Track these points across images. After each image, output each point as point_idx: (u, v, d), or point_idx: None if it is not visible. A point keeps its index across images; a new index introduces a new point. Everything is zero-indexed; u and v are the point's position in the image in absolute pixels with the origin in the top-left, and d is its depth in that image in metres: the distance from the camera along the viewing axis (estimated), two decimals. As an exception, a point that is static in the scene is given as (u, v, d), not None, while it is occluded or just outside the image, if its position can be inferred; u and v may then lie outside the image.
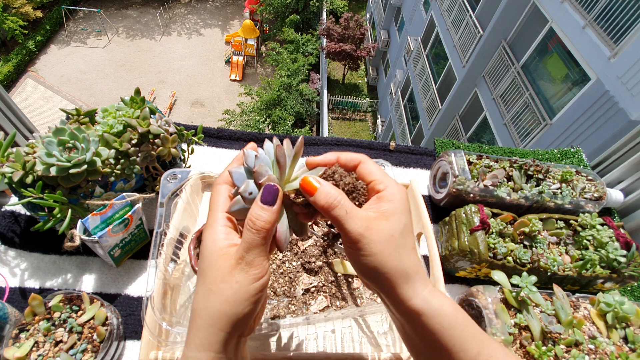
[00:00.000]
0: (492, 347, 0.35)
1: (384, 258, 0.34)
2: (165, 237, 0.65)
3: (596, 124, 4.13)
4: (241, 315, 0.33)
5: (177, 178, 0.72)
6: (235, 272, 0.33)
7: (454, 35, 7.33)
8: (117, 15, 14.05)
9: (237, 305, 0.33)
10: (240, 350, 0.36)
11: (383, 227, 0.34)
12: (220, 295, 0.33)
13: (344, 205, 0.35)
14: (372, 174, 0.38)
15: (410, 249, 0.35)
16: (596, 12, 4.21)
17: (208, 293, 0.33)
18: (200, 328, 0.33)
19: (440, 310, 0.34)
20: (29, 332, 0.61)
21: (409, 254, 0.35)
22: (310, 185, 0.35)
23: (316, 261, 0.77)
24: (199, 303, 0.34)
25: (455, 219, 0.84)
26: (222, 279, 0.33)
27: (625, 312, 0.67)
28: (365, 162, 0.39)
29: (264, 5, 12.77)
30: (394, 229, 0.35)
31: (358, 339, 0.72)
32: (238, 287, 0.33)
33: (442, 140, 1.17)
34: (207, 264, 0.34)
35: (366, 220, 0.34)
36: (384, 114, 12.05)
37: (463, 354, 0.34)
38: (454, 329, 0.34)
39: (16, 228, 0.81)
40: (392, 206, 0.36)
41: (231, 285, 0.33)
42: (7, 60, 10.90)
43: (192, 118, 11.27)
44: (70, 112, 0.78)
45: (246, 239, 0.34)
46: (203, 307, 0.33)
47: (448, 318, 0.34)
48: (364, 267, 0.35)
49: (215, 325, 0.33)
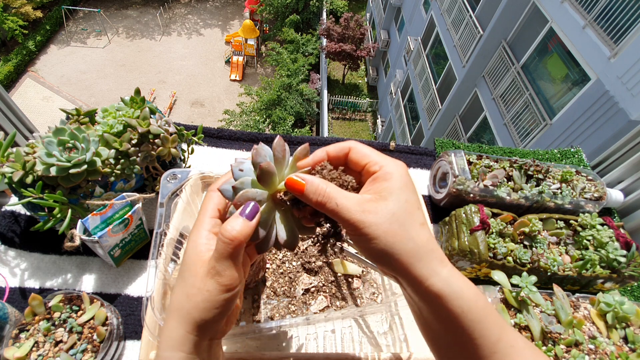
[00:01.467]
0: (512, 335, 0.34)
1: (390, 239, 0.32)
2: (165, 237, 0.65)
3: (596, 124, 4.13)
4: (210, 322, 0.34)
5: (177, 178, 0.71)
6: (207, 280, 0.34)
7: (454, 35, 7.33)
8: (117, 15, 14.05)
9: (205, 312, 0.33)
10: (214, 352, 0.37)
11: (382, 208, 0.32)
12: (192, 300, 0.33)
13: (334, 196, 0.33)
14: (365, 157, 0.36)
15: (418, 224, 0.33)
16: (596, 12, 4.21)
17: (183, 296, 0.34)
18: (173, 328, 0.34)
19: (460, 293, 0.32)
20: (29, 332, 0.61)
21: (417, 231, 0.33)
22: (297, 184, 0.34)
23: (316, 261, 0.77)
24: (174, 304, 0.34)
25: (455, 219, 0.84)
26: (195, 284, 0.34)
27: (625, 312, 0.67)
28: (354, 147, 0.37)
29: (264, 5, 12.77)
30: (395, 207, 0.33)
31: (358, 339, 0.72)
32: (208, 295, 0.33)
33: (442, 140, 1.17)
34: (185, 267, 0.35)
35: (361, 205, 0.33)
36: (384, 114, 12.05)
37: (483, 340, 0.32)
38: (475, 314, 0.32)
39: (16, 228, 0.81)
40: (389, 185, 0.34)
41: (202, 292, 0.33)
42: (7, 60, 10.90)
43: (192, 118, 11.27)
44: (70, 112, 0.78)
45: (217, 249, 0.34)
46: (176, 309, 0.34)
47: (469, 302, 0.32)
48: (372, 252, 0.33)
49: (186, 328, 0.33)
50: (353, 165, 0.38)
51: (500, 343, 0.32)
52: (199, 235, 0.36)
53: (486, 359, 0.33)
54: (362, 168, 0.37)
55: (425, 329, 0.37)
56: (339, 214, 0.33)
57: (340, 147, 0.38)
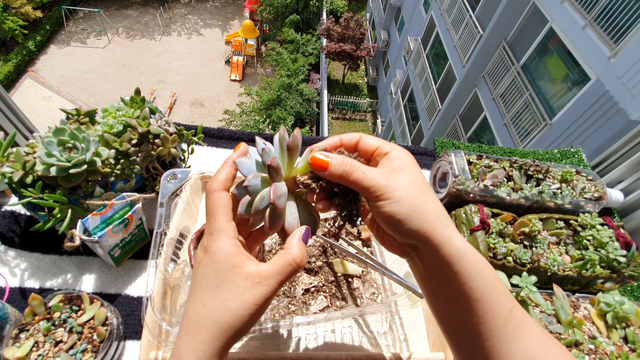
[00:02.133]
0: (521, 308, 0.35)
1: (414, 200, 0.34)
2: (165, 237, 0.65)
3: (596, 124, 4.13)
4: (247, 330, 0.34)
5: (177, 178, 0.72)
6: (253, 291, 0.33)
7: (454, 35, 7.33)
8: (117, 15, 14.05)
9: (249, 323, 0.33)
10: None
11: (403, 176, 0.35)
12: (235, 312, 0.33)
13: (360, 167, 0.35)
14: (375, 143, 0.39)
15: (433, 196, 0.36)
16: (596, 12, 4.21)
17: (221, 308, 0.33)
18: (206, 341, 0.32)
19: (477, 256, 0.34)
20: (29, 332, 0.61)
21: (434, 198, 0.36)
22: (321, 161, 0.36)
23: (316, 261, 0.77)
24: (209, 316, 0.33)
25: (455, 219, 0.84)
26: (238, 297, 0.33)
27: (625, 312, 0.67)
28: (364, 136, 0.40)
29: (264, 5, 12.78)
30: (413, 176, 0.36)
31: (358, 339, 0.72)
32: (255, 308, 0.33)
33: (442, 140, 1.17)
34: (220, 279, 0.34)
35: (385, 173, 0.36)
36: (384, 114, 12.06)
37: (498, 308, 0.33)
38: (490, 279, 0.34)
39: (16, 228, 0.81)
40: (403, 162, 0.37)
41: (249, 305, 0.33)
42: (7, 60, 10.90)
43: (192, 118, 11.27)
44: (70, 112, 0.78)
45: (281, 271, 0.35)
46: (213, 321, 0.33)
47: (485, 266, 0.34)
48: (396, 215, 0.34)
49: (223, 339, 0.33)
50: (363, 154, 0.40)
51: (512, 314, 0.34)
52: (228, 244, 0.35)
53: (501, 329, 0.33)
54: (371, 155, 0.39)
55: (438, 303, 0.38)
56: (365, 181, 0.35)
57: (352, 136, 0.40)
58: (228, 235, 0.35)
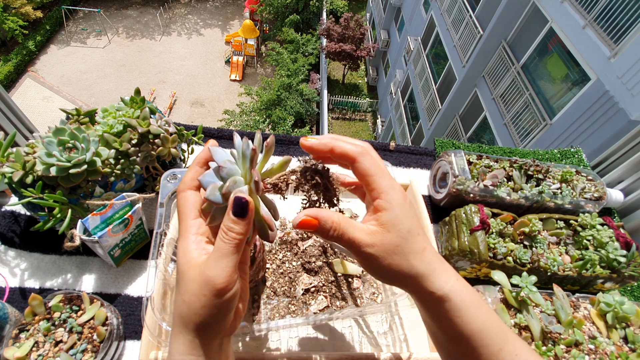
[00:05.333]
0: (518, 345, 0.35)
1: (395, 268, 0.35)
2: (165, 237, 0.65)
3: (596, 124, 4.13)
4: (212, 324, 0.34)
5: (177, 178, 0.71)
6: (203, 284, 0.34)
7: (454, 35, 7.33)
8: (117, 15, 14.05)
9: (206, 316, 0.34)
10: (224, 349, 0.37)
11: (388, 240, 0.35)
12: (191, 307, 0.34)
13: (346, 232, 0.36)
14: (365, 178, 0.37)
15: (419, 252, 0.36)
16: (596, 12, 4.21)
17: (182, 303, 0.34)
18: (179, 334, 0.34)
19: (461, 305, 0.35)
20: (29, 332, 0.61)
21: (420, 258, 0.36)
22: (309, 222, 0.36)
23: (316, 261, 0.77)
24: (176, 311, 0.35)
25: (455, 219, 0.84)
26: (191, 290, 0.34)
27: (625, 312, 0.67)
28: (360, 162, 0.37)
29: (264, 5, 12.77)
30: (398, 238, 0.35)
31: (358, 339, 0.72)
32: (205, 299, 0.33)
33: (442, 140, 1.17)
34: (180, 275, 0.35)
35: (370, 237, 0.36)
36: (384, 114, 12.05)
37: (484, 349, 0.34)
38: (475, 324, 0.34)
39: (16, 228, 0.81)
40: (390, 215, 0.35)
41: (199, 297, 0.33)
42: (7, 60, 10.90)
43: (192, 118, 11.27)
44: (70, 112, 0.78)
45: (219, 248, 0.34)
46: (179, 316, 0.34)
47: (469, 312, 0.35)
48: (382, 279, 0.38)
49: (191, 332, 0.34)
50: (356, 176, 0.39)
51: (502, 353, 0.34)
52: (187, 240, 0.36)
53: None
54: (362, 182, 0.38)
55: (435, 341, 0.40)
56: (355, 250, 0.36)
57: (346, 154, 0.37)
58: (191, 233, 0.36)
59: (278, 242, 0.80)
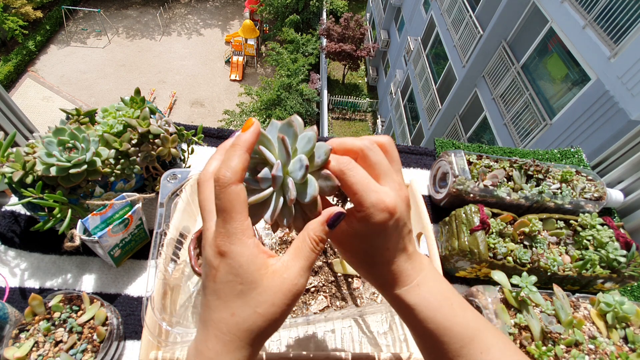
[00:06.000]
0: (486, 342, 0.35)
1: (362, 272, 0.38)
2: (165, 237, 0.65)
3: (596, 124, 4.13)
4: (276, 330, 0.32)
5: (177, 178, 0.71)
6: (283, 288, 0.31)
7: (454, 35, 7.33)
8: (117, 15, 14.05)
9: (281, 321, 0.32)
10: None
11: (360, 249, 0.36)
12: (266, 317, 0.31)
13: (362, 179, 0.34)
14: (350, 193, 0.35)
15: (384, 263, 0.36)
16: (596, 12, 4.21)
17: (253, 316, 0.30)
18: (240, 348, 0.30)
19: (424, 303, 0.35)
20: (29, 332, 0.61)
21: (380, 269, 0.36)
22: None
23: (316, 261, 0.77)
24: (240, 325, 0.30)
25: (455, 219, 0.84)
26: (269, 300, 0.30)
27: (625, 312, 0.67)
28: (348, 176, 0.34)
29: (264, 5, 12.77)
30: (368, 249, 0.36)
31: (358, 339, 0.72)
32: (287, 309, 0.31)
33: (442, 140, 1.17)
34: (247, 286, 0.30)
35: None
36: (384, 114, 12.05)
37: (447, 346, 0.35)
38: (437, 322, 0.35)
39: (16, 228, 0.81)
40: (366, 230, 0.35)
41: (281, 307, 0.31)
42: (7, 60, 10.90)
43: (192, 118, 11.27)
44: (70, 112, 0.78)
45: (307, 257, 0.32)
46: (245, 330, 0.30)
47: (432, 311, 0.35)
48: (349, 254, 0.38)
49: (257, 344, 0.31)
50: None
51: (465, 349, 0.34)
52: (246, 245, 0.31)
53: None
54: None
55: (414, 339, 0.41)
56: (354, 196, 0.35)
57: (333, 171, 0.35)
58: (248, 236, 0.31)
59: (278, 242, 0.80)
